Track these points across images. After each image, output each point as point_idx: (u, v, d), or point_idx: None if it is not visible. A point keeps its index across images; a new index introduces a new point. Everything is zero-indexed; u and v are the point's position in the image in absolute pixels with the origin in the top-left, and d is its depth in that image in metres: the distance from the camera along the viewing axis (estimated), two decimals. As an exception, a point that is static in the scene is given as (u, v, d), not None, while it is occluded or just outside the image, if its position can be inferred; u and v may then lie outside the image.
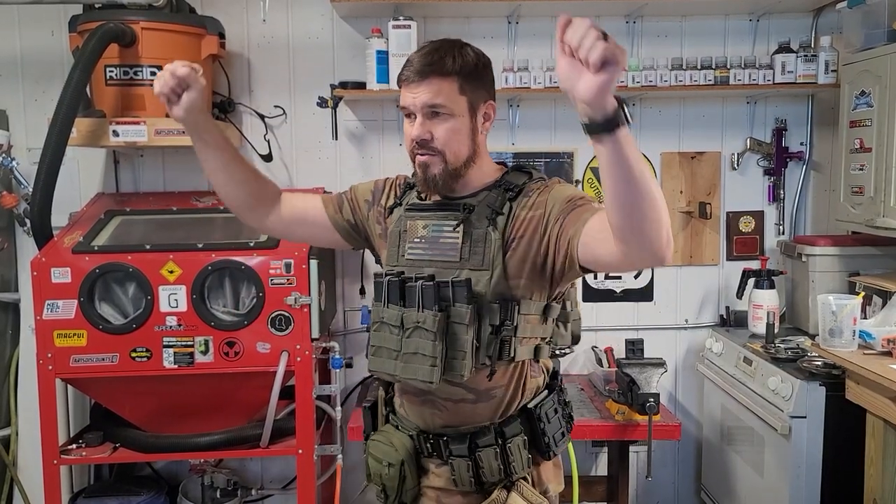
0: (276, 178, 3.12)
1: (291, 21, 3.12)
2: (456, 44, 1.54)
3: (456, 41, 1.55)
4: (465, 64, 1.50)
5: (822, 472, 2.44)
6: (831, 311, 2.32)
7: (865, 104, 2.66)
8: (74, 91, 2.46)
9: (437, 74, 1.47)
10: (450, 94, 1.48)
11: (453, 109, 1.49)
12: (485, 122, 1.55)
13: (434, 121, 1.49)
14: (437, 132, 1.49)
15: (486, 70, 1.55)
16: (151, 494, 2.83)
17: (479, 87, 1.52)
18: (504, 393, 1.55)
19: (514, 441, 1.53)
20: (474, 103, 1.52)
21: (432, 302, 1.45)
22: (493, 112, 1.56)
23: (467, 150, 1.53)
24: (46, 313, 2.47)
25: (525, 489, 1.55)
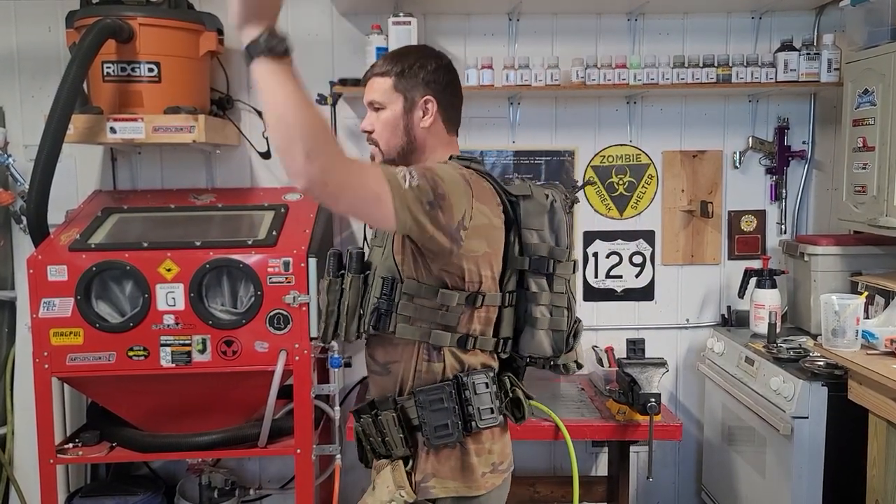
0: (274, 176, 3.12)
1: (291, 17, 3.09)
2: (406, 48, 1.75)
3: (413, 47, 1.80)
4: (401, 63, 1.64)
5: (824, 474, 2.43)
6: (834, 310, 2.31)
7: (868, 102, 2.64)
8: (71, 87, 2.44)
9: (376, 75, 1.66)
10: (385, 91, 1.64)
11: (386, 104, 1.64)
12: (423, 116, 1.64)
13: (376, 115, 1.66)
14: (376, 125, 1.66)
15: (421, 69, 1.64)
16: (148, 494, 2.81)
17: (415, 85, 1.64)
18: (399, 370, 1.62)
19: (386, 415, 1.61)
20: (410, 99, 1.64)
21: (335, 270, 1.67)
22: (431, 107, 1.64)
23: (400, 141, 1.65)
24: (43, 311, 2.46)
25: (397, 470, 1.61)
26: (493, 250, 1.58)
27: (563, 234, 1.64)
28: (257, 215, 2.76)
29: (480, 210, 1.54)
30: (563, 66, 2.96)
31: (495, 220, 1.58)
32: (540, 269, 1.62)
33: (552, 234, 1.63)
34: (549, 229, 1.63)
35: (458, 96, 1.71)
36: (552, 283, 1.64)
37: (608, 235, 3.25)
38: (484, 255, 1.56)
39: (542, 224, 1.62)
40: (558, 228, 1.64)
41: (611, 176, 3.23)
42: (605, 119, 3.21)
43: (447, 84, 1.67)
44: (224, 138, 2.89)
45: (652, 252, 3.26)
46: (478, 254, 1.55)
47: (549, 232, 1.63)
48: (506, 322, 1.65)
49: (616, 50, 3.07)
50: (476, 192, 1.54)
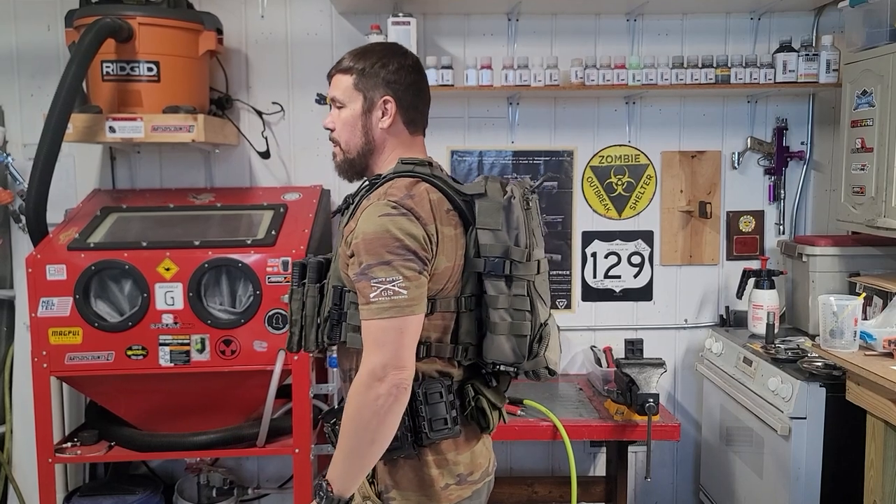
0: (273, 176, 3.12)
1: (290, 17, 3.10)
2: (372, 46, 1.70)
3: (379, 44, 1.72)
4: (364, 61, 1.62)
5: (822, 474, 2.43)
6: (832, 311, 2.31)
7: (867, 104, 2.64)
8: (70, 86, 2.44)
9: (339, 71, 1.65)
10: (345, 89, 1.63)
11: (346, 102, 1.63)
12: (382, 116, 1.62)
13: (338, 112, 1.65)
14: (337, 123, 1.65)
15: (382, 68, 1.61)
16: (147, 493, 2.81)
17: (376, 85, 1.61)
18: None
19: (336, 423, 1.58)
20: (370, 98, 1.61)
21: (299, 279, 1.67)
22: (390, 107, 1.61)
23: (360, 141, 1.63)
24: (41, 311, 2.46)
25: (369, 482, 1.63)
26: (451, 262, 1.52)
27: (521, 233, 1.54)
28: (256, 215, 2.76)
29: (433, 230, 1.49)
30: (562, 67, 2.96)
31: (447, 230, 1.52)
32: (496, 270, 1.52)
33: (509, 232, 1.53)
34: (506, 228, 1.53)
35: (421, 97, 1.65)
36: (511, 286, 1.53)
37: (607, 235, 3.25)
38: (444, 270, 1.51)
39: (498, 223, 1.53)
40: (516, 227, 1.54)
41: (609, 176, 3.23)
42: (603, 119, 3.21)
43: (410, 84, 1.62)
44: (223, 138, 2.89)
45: (650, 252, 3.26)
46: (438, 271, 1.50)
47: (506, 231, 1.53)
48: (465, 328, 1.56)
49: (615, 50, 3.07)
50: (425, 217, 1.49)
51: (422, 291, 1.46)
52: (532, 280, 1.55)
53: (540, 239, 1.62)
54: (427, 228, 1.48)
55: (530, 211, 1.58)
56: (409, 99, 1.62)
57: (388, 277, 1.43)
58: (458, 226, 1.54)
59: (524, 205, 1.56)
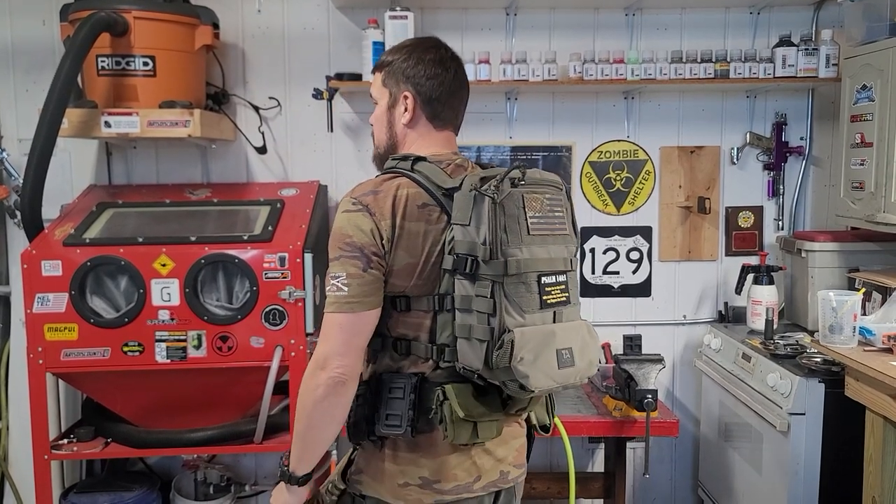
0: (270, 171, 3.11)
1: (287, 11, 3.08)
2: (406, 41, 1.69)
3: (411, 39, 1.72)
4: (391, 56, 1.64)
5: (821, 470, 2.43)
6: (831, 307, 2.30)
7: (867, 98, 2.63)
8: (65, 81, 2.43)
9: (375, 68, 1.67)
10: (377, 85, 1.66)
11: (377, 98, 1.66)
12: (404, 111, 1.62)
13: (375, 109, 1.68)
14: (373, 119, 1.68)
15: (404, 62, 1.61)
16: (144, 490, 2.80)
17: (398, 80, 1.62)
18: None
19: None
20: (394, 95, 1.63)
21: None
22: (409, 103, 1.61)
23: (385, 136, 1.65)
24: (37, 306, 2.44)
25: (343, 458, 1.68)
26: (416, 259, 1.50)
27: (485, 229, 1.44)
28: (253, 210, 2.75)
29: (388, 226, 1.48)
30: (561, 61, 2.95)
31: (413, 226, 1.49)
32: (460, 268, 1.45)
33: (478, 228, 1.44)
34: (475, 223, 1.45)
35: (448, 90, 1.61)
36: (475, 285, 1.44)
37: (605, 231, 3.24)
38: (406, 266, 1.50)
39: (467, 217, 1.45)
40: (480, 222, 1.44)
41: (608, 171, 3.22)
42: (602, 114, 3.20)
43: (430, 77, 1.60)
44: (219, 133, 2.87)
45: (649, 248, 3.25)
46: (398, 267, 1.50)
47: (475, 226, 1.45)
48: (441, 328, 1.51)
49: (614, 45, 3.05)
50: (382, 212, 1.48)
51: (366, 289, 1.47)
52: (499, 281, 1.43)
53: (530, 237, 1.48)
54: (380, 224, 1.48)
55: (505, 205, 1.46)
56: (430, 92, 1.60)
57: (335, 273, 1.48)
58: (435, 221, 1.51)
59: (495, 197, 1.44)
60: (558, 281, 1.52)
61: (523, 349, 1.42)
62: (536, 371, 1.44)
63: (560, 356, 1.48)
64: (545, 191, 1.53)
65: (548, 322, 1.49)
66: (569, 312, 1.54)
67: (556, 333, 1.49)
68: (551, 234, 1.52)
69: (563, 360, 1.48)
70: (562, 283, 1.53)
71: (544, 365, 1.45)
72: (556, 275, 1.52)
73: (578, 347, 1.52)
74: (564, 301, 1.52)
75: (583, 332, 1.55)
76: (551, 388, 1.49)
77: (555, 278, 1.51)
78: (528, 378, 1.42)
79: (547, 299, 1.49)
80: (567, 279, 1.54)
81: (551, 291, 1.50)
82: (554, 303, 1.50)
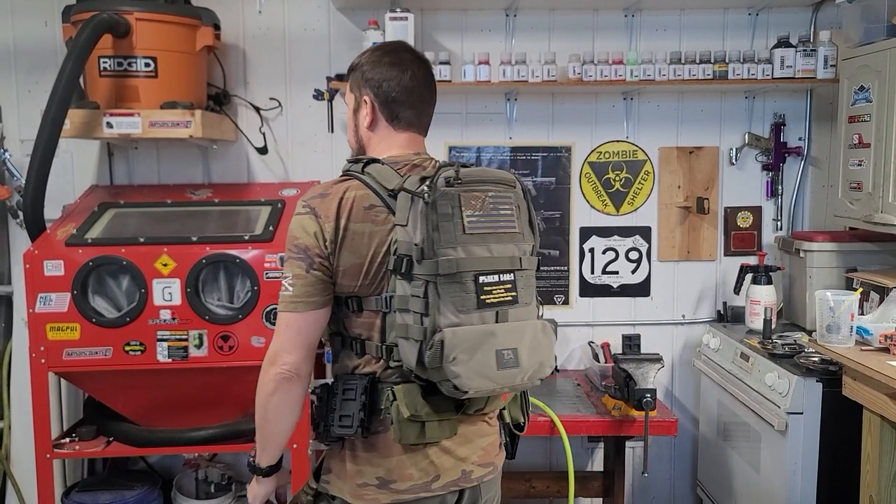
0: (271, 172, 3.12)
1: (287, 12, 3.09)
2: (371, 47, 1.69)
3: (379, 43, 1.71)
4: (357, 62, 1.65)
5: (819, 469, 2.43)
6: (829, 306, 2.31)
7: (864, 99, 2.64)
8: (67, 82, 2.44)
9: (346, 74, 1.70)
10: (347, 91, 1.69)
11: (348, 103, 1.69)
12: (366, 115, 1.63)
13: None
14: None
15: (362, 66, 1.62)
16: (145, 489, 2.82)
17: (360, 85, 1.63)
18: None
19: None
20: (357, 99, 1.65)
21: None
22: (368, 106, 1.62)
23: (354, 140, 1.68)
24: (39, 306, 2.46)
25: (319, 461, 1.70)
26: (362, 259, 1.51)
27: (419, 228, 1.44)
28: (254, 210, 2.76)
29: (331, 228, 1.50)
30: (560, 62, 2.96)
31: (359, 227, 1.50)
32: (397, 268, 1.46)
33: (413, 228, 1.45)
34: (411, 224, 1.46)
35: (405, 91, 1.60)
36: (411, 285, 1.45)
37: (604, 231, 3.25)
38: (352, 267, 1.51)
39: (405, 218, 1.46)
40: (416, 222, 1.45)
41: (607, 172, 3.23)
42: (601, 115, 3.21)
43: (388, 79, 1.59)
44: (221, 133, 2.88)
45: (648, 248, 3.27)
46: (344, 267, 1.52)
47: (412, 227, 1.45)
48: (389, 328, 1.51)
49: (613, 46, 3.07)
50: (327, 215, 1.50)
51: (310, 290, 1.51)
52: (433, 281, 1.43)
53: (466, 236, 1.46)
54: (324, 226, 1.50)
55: (438, 205, 1.45)
56: (386, 95, 1.60)
57: (284, 274, 1.54)
58: (381, 222, 1.51)
59: (424, 198, 1.44)
60: (502, 280, 1.49)
61: (456, 349, 1.41)
62: (469, 371, 1.42)
63: (500, 357, 1.46)
64: (488, 189, 1.51)
65: (488, 322, 1.47)
66: (517, 312, 1.51)
67: (497, 334, 1.46)
68: (493, 232, 1.50)
69: (504, 362, 1.46)
70: (507, 282, 1.50)
71: (480, 366, 1.44)
72: (500, 273, 1.49)
73: (526, 348, 1.49)
74: (510, 301, 1.50)
75: (534, 332, 1.52)
76: (491, 389, 1.47)
77: (497, 277, 1.49)
78: (460, 378, 1.42)
79: (486, 299, 1.47)
80: (514, 278, 1.51)
81: (491, 291, 1.48)
82: (495, 302, 1.48)
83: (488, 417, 1.65)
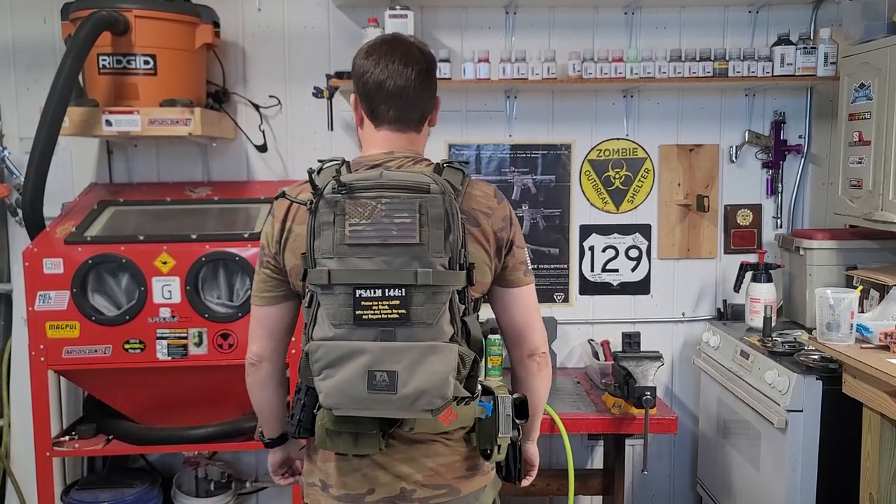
0: (270, 170, 3.12)
1: (287, 10, 3.09)
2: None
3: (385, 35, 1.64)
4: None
5: (819, 467, 2.43)
6: (829, 304, 2.31)
7: (865, 97, 2.64)
8: (66, 80, 2.43)
9: None
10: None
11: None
12: (356, 111, 1.62)
13: None
14: None
15: (354, 65, 1.58)
16: (145, 487, 2.81)
17: (353, 82, 1.60)
18: None
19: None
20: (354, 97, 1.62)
21: None
22: (353, 103, 1.61)
23: (358, 138, 1.66)
24: (38, 304, 2.45)
25: None
26: (299, 261, 1.47)
27: (308, 236, 1.41)
28: (253, 208, 2.76)
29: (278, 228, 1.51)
30: (560, 60, 2.96)
31: (299, 229, 1.48)
32: (300, 275, 1.44)
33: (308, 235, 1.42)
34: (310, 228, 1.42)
35: (377, 85, 1.52)
36: (307, 294, 1.43)
37: (604, 229, 3.25)
38: (294, 268, 1.51)
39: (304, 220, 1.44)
40: (314, 228, 1.41)
41: (607, 170, 3.23)
42: (601, 113, 3.21)
43: (365, 72, 1.53)
44: (220, 131, 2.88)
45: (648, 246, 3.26)
46: (288, 268, 1.52)
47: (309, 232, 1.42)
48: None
49: (613, 44, 3.06)
50: (277, 216, 1.53)
51: (262, 286, 1.57)
52: (315, 292, 1.39)
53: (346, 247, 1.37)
54: (275, 227, 1.53)
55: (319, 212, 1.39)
56: (364, 91, 1.56)
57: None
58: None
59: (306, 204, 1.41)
60: (387, 295, 1.36)
61: (318, 363, 1.36)
62: (332, 389, 1.36)
63: (371, 378, 1.35)
64: (382, 195, 1.38)
65: (366, 339, 1.36)
66: (410, 333, 1.36)
67: (370, 352, 1.35)
68: (383, 243, 1.37)
69: (376, 384, 1.35)
70: (393, 297, 1.36)
71: (344, 385, 1.35)
72: (385, 288, 1.36)
73: (408, 373, 1.35)
74: (396, 319, 1.36)
75: (422, 355, 1.36)
76: (359, 412, 1.39)
77: (381, 292, 1.36)
78: (322, 394, 1.37)
79: (363, 314, 1.36)
80: (407, 294, 1.36)
81: (371, 306, 1.36)
82: (375, 319, 1.36)
83: (445, 437, 1.53)
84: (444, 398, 1.37)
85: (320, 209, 1.39)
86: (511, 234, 1.56)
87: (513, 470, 1.66)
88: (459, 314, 1.42)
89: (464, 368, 1.43)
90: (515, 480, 1.69)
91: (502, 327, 1.65)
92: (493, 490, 1.64)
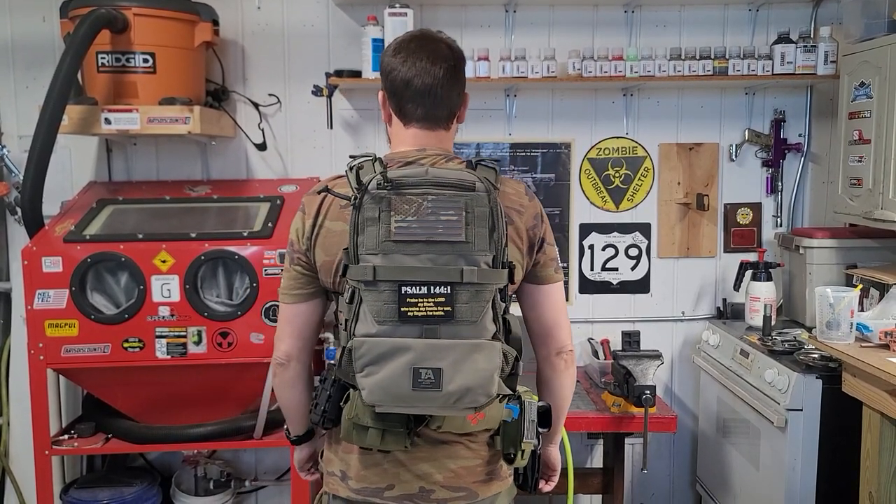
0: (270, 168, 3.12)
1: (286, 8, 3.08)
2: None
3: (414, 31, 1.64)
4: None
5: (818, 465, 2.43)
6: (829, 303, 2.31)
7: (865, 95, 2.64)
8: (65, 78, 2.43)
9: None
10: None
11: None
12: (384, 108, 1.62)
13: None
14: None
15: (382, 56, 1.59)
16: (144, 485, 2.81)
17: (382, 79, 1.59)
18: None
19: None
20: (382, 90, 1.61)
21: None
22: (381, 100, 1.61)
23: (388, 136, 1.65)
24: (37, 303, 2.45)
25: None
26: (331, 257, 1.49)
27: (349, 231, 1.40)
28: (253, 207, 2.75)
29: (310, 224, 1.51)
30: (560, 58, 2.95)
31: (334, 225, 1.49)
32: (340, 271, 1.43)
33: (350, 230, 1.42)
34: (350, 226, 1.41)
35: (404, 83, 1.52)
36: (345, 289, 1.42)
37: (604, 228, 3.25)
38: (325, 264, 1.50)
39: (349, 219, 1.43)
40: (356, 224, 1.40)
41: (607, 168, 3.23)
42: (601, 111, 3.20)
43: (392, 69, 1.53)
44: (219, 130, 2.88)
45: (648, 245, 3.26)
46: (318, 264, 1.52)
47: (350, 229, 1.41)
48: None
49: (613, 42, 3.06)
50: (309, 212, 1.53)
51: (292, 283, 1.57)
52: (359, 287, 1.37)
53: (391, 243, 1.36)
54: (306, 223, 1.52)
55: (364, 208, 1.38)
56: (391, 88, 1.55)
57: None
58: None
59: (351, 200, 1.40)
60: (433, 293, 1.36)
61: (362, 360, 1.36)
62: (375, 386, 1.36)
63: (416, 375, 1.35)
64: (428, 192, 1.37)
65: (410, 336, 1.36)
66: (454, 330, 1.36)
67: (414, 349, 1.35)
68: (428, 240, 1.36)
69: (421, 382, 1.35)
70: (439, 295, 1.36)
71: (388, 382, 1.35)
72: (431, 286, 1.36)
73: (453, 370, 1.35)
74: (441, 316, 1.36)
75: (467, 352, 1.36)
76: (401, 409, 1.39)
77: (427, 289, 1.36)
78: (365, 391, 1.36)
79: (409, 311, 1.35)
80: (452, 292, 1.36)
81: (417, 303, 1.36)
82: (420, 316, 1.36)
83: (469, 440, 1.54)
84: (489, 395, 1.39)
85: (365, 204, 1.37)
86: (542, 231, 1.58)
87: (530, 479, 1.67)
88: (501, 312, 1.43)
89: (507, 366, 1.46)
90: (531, 490, 1.69)
91: (530, 324, 1.64)
92: (507, 497, 1.63)
